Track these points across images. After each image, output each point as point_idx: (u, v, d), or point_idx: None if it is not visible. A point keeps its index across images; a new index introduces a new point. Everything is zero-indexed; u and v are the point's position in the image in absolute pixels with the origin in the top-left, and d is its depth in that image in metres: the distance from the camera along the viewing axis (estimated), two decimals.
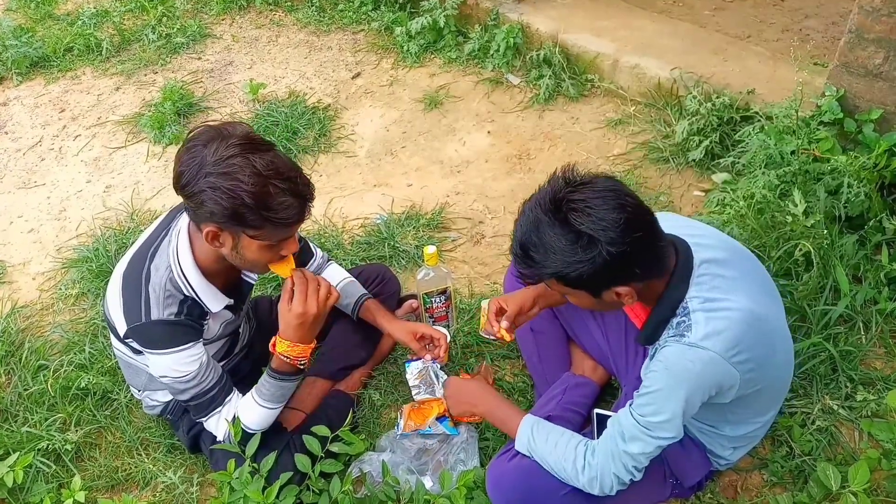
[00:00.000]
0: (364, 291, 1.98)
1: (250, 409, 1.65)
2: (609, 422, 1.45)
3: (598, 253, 1.22)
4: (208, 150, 1.38)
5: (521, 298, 1.76)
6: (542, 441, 1.47)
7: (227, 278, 1.67)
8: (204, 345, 1.64)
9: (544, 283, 1.37)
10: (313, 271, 1.97)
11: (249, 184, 1.36)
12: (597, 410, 1.71)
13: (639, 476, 1.41)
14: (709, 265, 1.37)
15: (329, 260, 2.03)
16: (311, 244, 1.99)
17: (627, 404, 1.41)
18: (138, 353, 1.64)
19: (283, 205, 1.40)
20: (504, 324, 1.74)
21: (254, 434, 1.62)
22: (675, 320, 1.35)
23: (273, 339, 1.63)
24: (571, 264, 1.24)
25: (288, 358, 1.60)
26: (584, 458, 1.42)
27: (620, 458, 1.38)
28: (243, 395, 1.70)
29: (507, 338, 1.74)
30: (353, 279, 2.01)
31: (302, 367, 1.64)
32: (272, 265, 1.58)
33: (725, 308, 1.32)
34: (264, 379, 1.65)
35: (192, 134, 1.43)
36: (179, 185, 1.42)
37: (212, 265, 1.59)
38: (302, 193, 1.44)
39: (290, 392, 1.69)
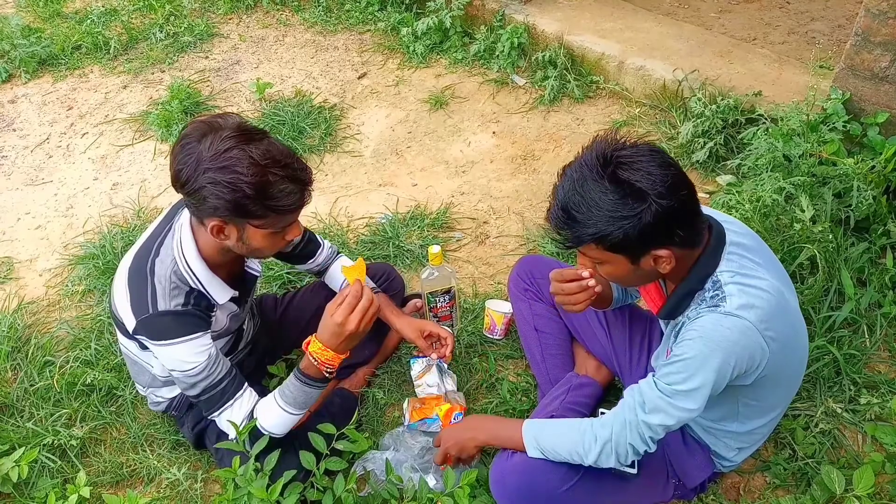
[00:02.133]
0: (373, 285, 1.99)
1: (269, 410, 1.62)
2: (626, 392, 1.42)
3: (646, 207, 1.21)
4: (203, 145, 1.38)
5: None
6: (549, 437, 1.48)
7: (231, 270, 1.68)
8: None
9: (579, 251, 1.34)
10: (321, 263, 1.99)
11: (249, 175, 1.37)
12: (601, 410, 1.71)
13: (653, 448, 1.39)
14: (737, 247, 1.37)
15: (338, 253, 2.04)
16: (317, 237, 1.99)
17: (650, 375, 1.39)
18: (144, 349, 1.65)
19: (283, 192, 1.42)
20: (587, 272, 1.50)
21: (263, 435, 1.60)
22: (706, 294, 1.34)
23: (308, 338, 1.61)
24: (616, 220, 1.23)
25: (316, 361, 1.57)
26: (595, 435, 1.40)
27: (638, 427, 1.36)
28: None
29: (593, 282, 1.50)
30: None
31: (329, 374, 1.60)
32: (344, 268, 1.62)
33: (756, 285, 1.31)
34: (289, 380, 1.62)
35: (184, 130, 1.43)
36: (179, 183, 1.42)
37: (216, 256, 1.59)
38: (301, 178, 1.45)
39: (313, 400, 1.64)
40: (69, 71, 3.76)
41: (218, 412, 1.61)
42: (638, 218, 1.22)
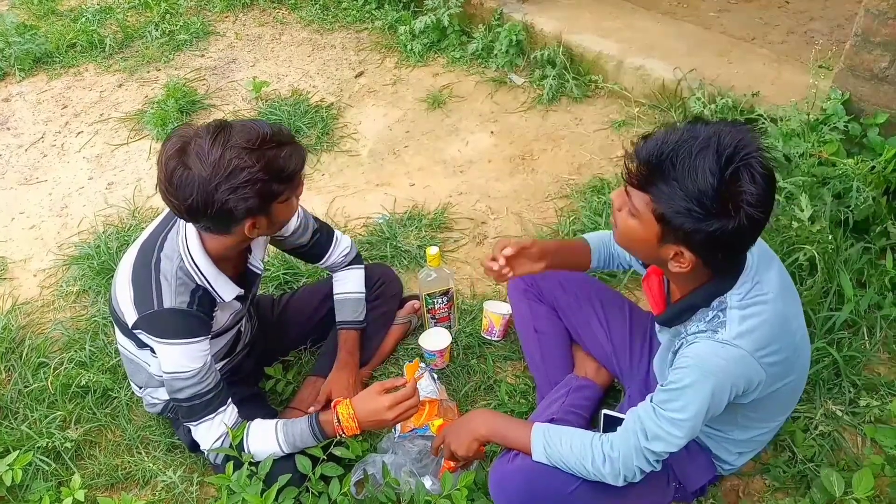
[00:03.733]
0: (350, 319, 1.97)
1: (265, 440, 1.60)
2: (629, 414, 1.42)
3: (723, 218, 1.14)
4: (194, 168, 1.36)
5: (528, 242, 1.62)
6: (558, 445, 1.46)
7: (236, 267, 1.67)
8: (212, 339, 1.63)
9: (622, 192, 1.26)
10: (327, 267, 2.00)
11: (254, 161, 1.37)
12: (605, 411, 1.70)
13: (660, 467, 1.41)
14: (753, 269, 1.33)
15: (352, 265, 2.01)
16: (334, 234, 1.96)
17: (648, 398, 1.39)
18: (142, 347, 1.63)
19: (286, 157, 1.43)
20: (508, 251, 1.57)
21: (246, 453, 1.60)
22: (708, 313, 1.32)
23: (340, 399, 1.63)
24: (691, 201, 1.14)
25: (338, 423, 1.59)
26: (604, 454, 1.40)
27: (643, 452, 1.37)
28: (242, 402, 1.69)
29: (496, 267, 1.58)
30: (356, 298, 1.99)
31: (338, 438, 1.61)
32: (408, 365, 1.79)
33: (762, 301, 1.29)
34: (301, 425, 1.61)
35: (165, 169, 1.38)
36: (197, 213, 1.40)
37: (222, 253, 1.58)
38: (286, 137, 1.46)
39: (305, 448, 1.62)
40: (64, 69, 3.74)
41: (197, 422, 1.60)
42: (708, 217, 1.15)
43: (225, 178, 1.35)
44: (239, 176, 1.36)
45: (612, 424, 1.58)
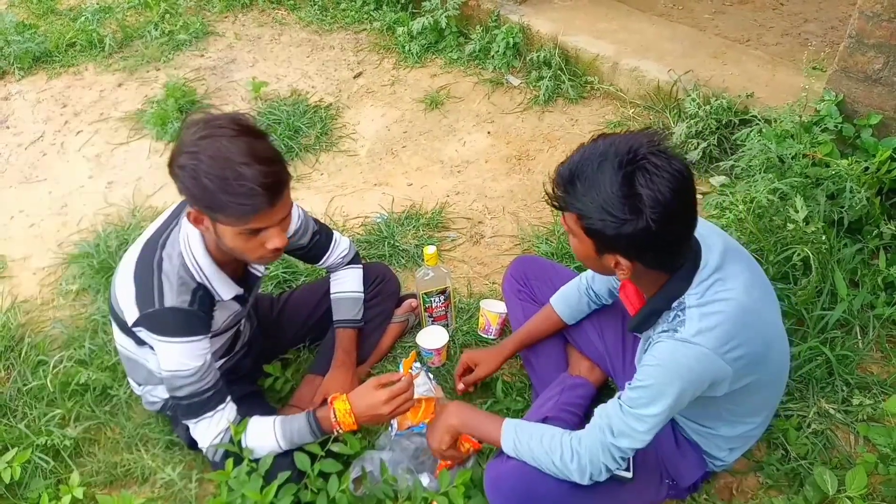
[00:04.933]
0: (347, 318, 1.98)
1: (263, 437, 1.61)
2: (596, 411, 1.45)
3: (633, 220, 1.20)
4: (190, 131, 1.39)
5: (493, 366, 1.87)
6: (527, 439, 1.48)
7: (236, 268, 1.68)
8: (210, 338, 1.63)
9: (562, 215, 1.34)
10: (325, 267, 2.01)
11: (208, 163, 1.35)
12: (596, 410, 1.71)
13: (624, 464, 1.43)
14: (712, 268, 1.36)
15: (351, 265, 2.02)
16: (333, 237, 1.97)
17: (616, 396, 1.42)
18: (142, 344, 1.64)
19: (240, 188, 1.35)
20: (460, 386, 1.91)
21: (245, 448, 1.61)
22: (669, 314, 1.36)
23: (337, 394, 1.64)
24: (603, 212, 1.22)
25: (335, 418, 1.60)
26: (571, 448, 1.42)
27: (609, 449, 1.39)
28: (241, 400, 1.70)
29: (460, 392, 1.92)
30: (354, 297, 2.00)
31: (336, 434, 1.62)
32: (405, 360, 1.74)
33: (721, 297, 1.32)
34: (299, 421, 1.61)
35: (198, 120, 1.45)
36: (168, 165, 1.44)
37: (222, 253, 1.58)
38: (266, 183, 1.36)
39: (303, 444, 1.63)
40: (63, 68, 3.74)
41: (196, 420, 1.61)
42: (621, 223, 1.22)
43: (186, 153, 1.37)
44: (190, 159, 1.36)
45: None
